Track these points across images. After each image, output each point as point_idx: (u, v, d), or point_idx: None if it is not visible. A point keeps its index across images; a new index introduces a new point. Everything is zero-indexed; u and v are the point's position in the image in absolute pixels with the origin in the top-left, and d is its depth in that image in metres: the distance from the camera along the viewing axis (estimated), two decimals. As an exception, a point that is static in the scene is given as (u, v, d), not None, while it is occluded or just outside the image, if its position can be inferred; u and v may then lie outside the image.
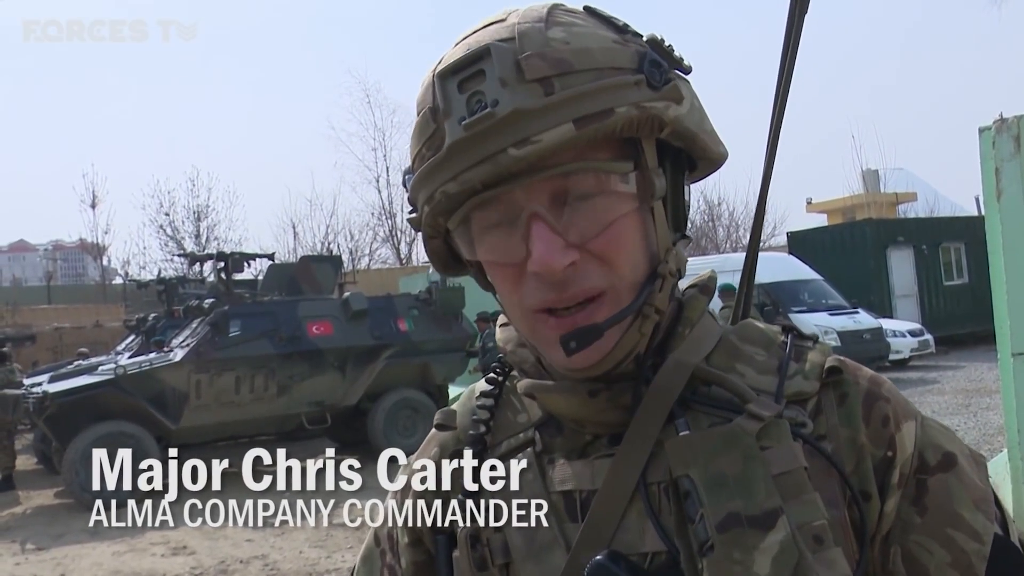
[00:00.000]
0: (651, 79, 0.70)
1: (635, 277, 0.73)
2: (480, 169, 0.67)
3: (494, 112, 0.66)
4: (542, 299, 0.71)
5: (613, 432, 0.76)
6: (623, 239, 0.71)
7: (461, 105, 0.68)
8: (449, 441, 0.87)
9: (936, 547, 0.71)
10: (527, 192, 0.69)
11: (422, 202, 0.74)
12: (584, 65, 0.68)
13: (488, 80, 0.67)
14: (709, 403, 0.75)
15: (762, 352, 0.79)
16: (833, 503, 0.69)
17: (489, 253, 0.73)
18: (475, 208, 0.71)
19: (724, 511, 0.67)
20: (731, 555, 0.65)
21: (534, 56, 0.68)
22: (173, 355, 9.77)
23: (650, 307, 0.73)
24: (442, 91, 0.70)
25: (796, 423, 0.72)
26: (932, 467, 0.73)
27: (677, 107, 0.71)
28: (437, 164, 0.70)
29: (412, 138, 0.75)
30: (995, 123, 2.16)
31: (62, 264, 54.26)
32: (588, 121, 0.67)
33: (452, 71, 0.70)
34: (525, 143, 0.66)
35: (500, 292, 0.77)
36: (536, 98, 0.66)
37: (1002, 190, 2.05)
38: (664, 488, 0.72)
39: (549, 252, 0.68)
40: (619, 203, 0.71)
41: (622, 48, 0.71)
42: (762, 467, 0.68)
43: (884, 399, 0.75)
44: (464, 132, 0.67)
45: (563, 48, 0.69)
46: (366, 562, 0.92)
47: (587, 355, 0.72)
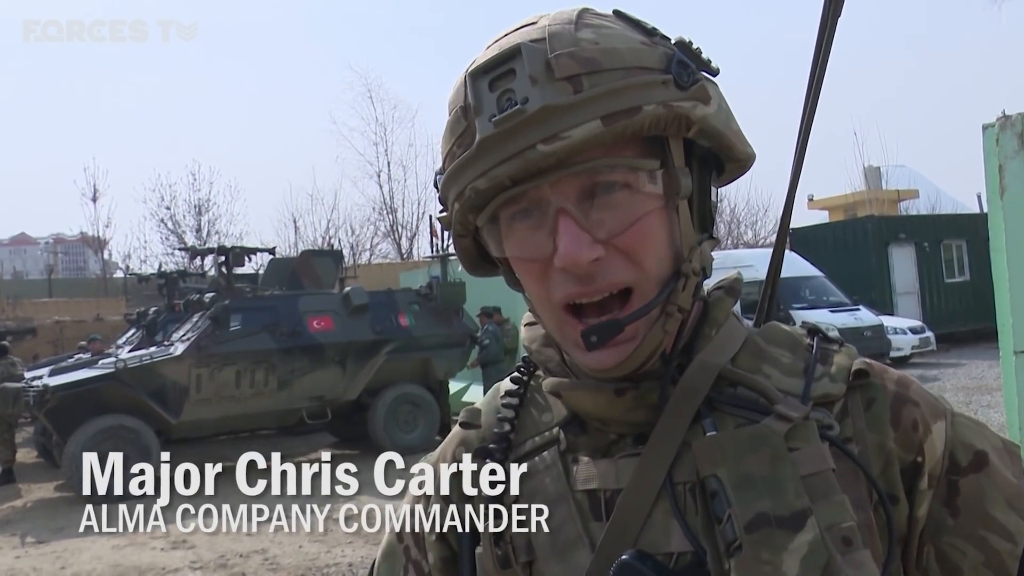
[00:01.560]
0: (679, 79, 0.71)
1: (660, 274, 0.73)
2: (509, 165, 0.68)
3: (524, 109, 0.67)
4: (567, 292, 0.72)
5: (637, 432, 0.77)
6: (649, 236, 0.72)
7: (492, 103, 0.69)
8: (473, 439, 0.87)
9: (969, 548, 0.72)
10: (555, 188, 0.70)
11: (452, 199, 0.75)
12: (613, 64, 0.69)
13: (518, 78, 0.69)
14: (735, 404, 0.75)
15: (788, 354, 0.79)
16: (860, 505, 0.69)
17: (517, 249, 0.74)
18: (504, 205, 0.72)
19: (753, 511, 0.67)
20: (760, 555, 0.66)
21: (564, 55, 0.69)
22: (174, 349, 9.78)
23: (673, 305, 0.74)
24: (473, 90, 0.71)
25: (823, 425, 0.72)
26: (963, 468, 0.74)
27: (704, 107, 0.72)
28: (467, 161, 0.71)
29: (443, 137, 0.76)
30: (999, 120, 2.15)
31: (63, 257, 54.29)
32: (616, 118, 0.68)
33: (483, 70, 0.71)
34: (554, 139, 0.67)
35: (528, 289, 0.77)
36: (565, 95, 0.68)
37: (1005, 187, 2.05)
38: (690, 488, 0.72)
39: (576, 247, 0.69)
40: (645, 200, 0.72)
41: (650, 49, 0.72)
42: (791, 468, 0.68)
43: (912, 402, 0.75)
44: (494, 128, 0.68)
45: (592, 48, 0.70)
46: (388, 558, 0.92)
47: (611, 354, 0.73)
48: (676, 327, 0.75)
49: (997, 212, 2.17)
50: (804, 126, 0.93)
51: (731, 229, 34.90)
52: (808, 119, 0.93)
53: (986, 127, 2.21)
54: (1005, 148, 2.09)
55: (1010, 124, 2.10)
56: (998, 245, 2.17)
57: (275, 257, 13.34)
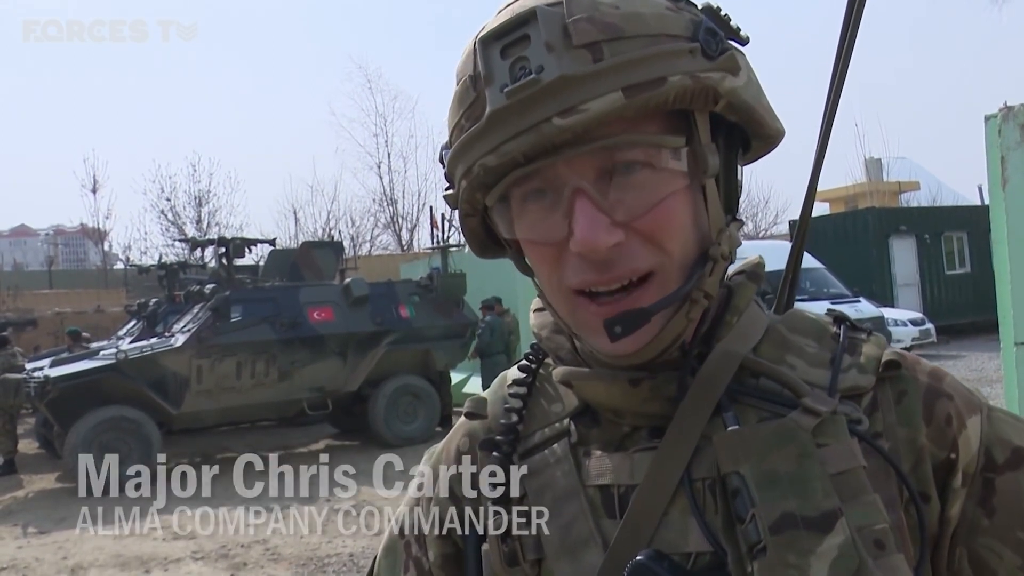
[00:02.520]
0: (706, 48, 0.65)
1: (685, 258, 0.69)
2: (522, 140, 0.63)
3: (539, 78, 0.62)
4: (583, 279, 0.67)
5: (653, 424, 0.73)
6: (673, 218, 0.67)
7: (504, 72, 0.64)
8: (479, 430, 0.83)
9: (1005, 550, 0.67)
10: (571, 166, 0.65)
11: (459, 176, 0.70)
12: (636, 31, 0.64)
13: (533, 45, 0.63)
14: (758, 396, 0.70)
15: (813, 343, 0.74)
16: (890, 505, 0.65)
17: (529, 231, 0.69)
18: (515, 183, 0.67)
19: (778, 511, 0.63)
20: (785, 558, 0.62)
21: (583, 20, 0.63)
22: (174, 340, 9.77)
23: (699, 291, 0.69)
24: (484, 57, 0.65)
25: (851, 419, 0.68)
26: (1000, 465, 0.69)
27: (733, 79, 0.67)
28: (476, 134, 0.66)
29: (450, 109, 0.71)
30: (1001, 111, 2.14)
31: (63, 249, 54.26)
32: (639, 90, 0.62)
33: (495, 36, 0.65)
34: (571, 112, 0.62)
35: (539, 273, 0.73)
36: (584, 64, 0.62)
37: (1007, 178, 2.04)
38: (709, 485, 0.68)
39: (593, 230, 0.64)
40: (669, 180, 0.66)
41: (675, 15, 0.67)
42: (819, 465, 0.64)
43: (946, 395, 0.71)
44: (506, 100, 0.63)
45: (613, 12, 0.64)
46: (389, 553, 0.87)
47: (632, 341, 0.68)
48: (700, 314, 0.70)
49: (999, 203, 2.16)
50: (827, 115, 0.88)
51: (735, 220, 34.73)
52: (832, 109, 0.88)
53: (988, 118, 2.20)
54: (1007, 139, 2.09)
55: (1012, 115, 2.09)
56: (999, 236, 2.16)
57: (275, 248, 13.33)
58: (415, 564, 0.84)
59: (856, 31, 0.87)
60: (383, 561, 0.88)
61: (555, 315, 0.76)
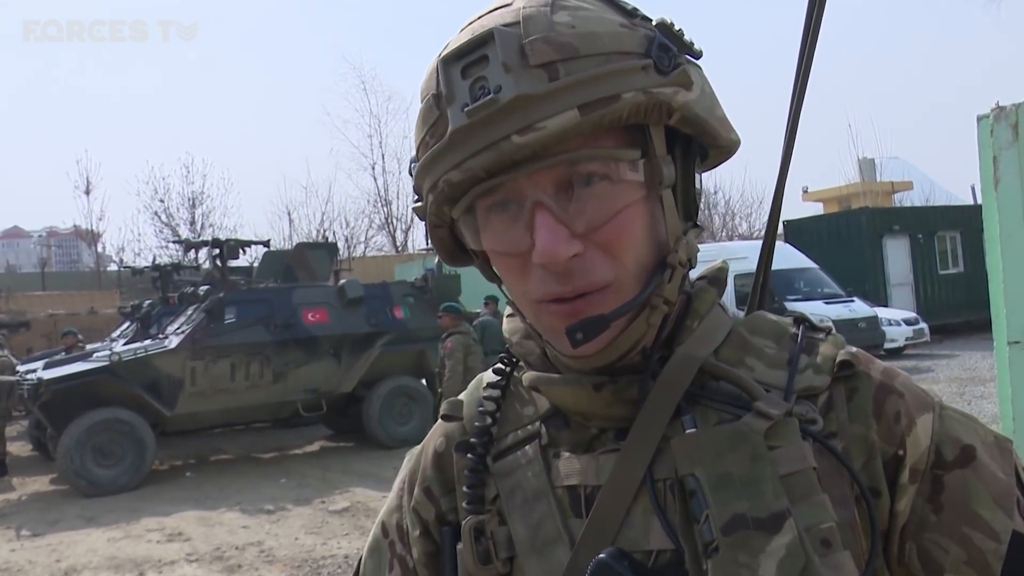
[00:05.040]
0: (659, 64, 0.68)
1: (640, 268, 0.71)
2: (483, 157, 0.66)
3: (497, 98, 0.64)
4: (547, 291, 0.70)
5: (619, 427, 0.75)
6: (629, 229, 0.70)
7: (464, 91, 0.67)
8: (455, 432, 0.86)
9: (952, 545, 0.69)
10: (531, 180, 0.68)
11: (426, 190, 0.73)
12: (590, 50, 0.67)
13: (491, 66, 0.66)
14: (717, 398, 0.73)
15: (772, 345, 0.77)
16: (843, 503, 0.67)
17: (494, 243, 0.72)
18: (480, 196, 0.70)
19: (730, 512, 0.65)
20: (736, 558, 0.64)
21: (539, 40, 0.66)
22: (168, 342, 9.75)
23: (659, 297, 0.72)
24: (445, 77, 0.68)
25: (806, 420, 0.70)
26: (949, 463, 0.71)
27: (686, 93, 0.70)
28: (440, 152, 0.69)
29: (416, 126, 0.74)
30: (993, 111, 2.15)
31: (56, 251, 54.09)
32: (593, 107, 0.65)
33: (455, 56, 0.68)
34: (529, 130, 0.64)
35: (506, 282, 0.76)
36: (540, 83, 0.65)
37: (1000, 178, 2.05)
38: (670, 485, 0.70)
39: (553, 242, 0.67)
40: (626, 192, 0.69)
41: (630, 32, 0.69)
42: (770, 467, 0.66)
43: (897, 393, 0.73)
44: (467, 119, 0.66)
45: (568, 32, 0.67)
46: (374, 553, 0.90)
47: (593, 343, 0.71)
48: (660, 319, 0.73)
49: (991, 202, 2.17)
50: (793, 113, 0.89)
51: (726, 221, 34.94)
52: (797, 104, 0.89)
53: (981, 118, 2.22)
54: (999, 139, 2.10)
55: (1004, 115, 2.10)
56: (992, 235, 2.17)
57: (269, 250, 13.31)
58: (399, 562, 0.87)
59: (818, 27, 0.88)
60: (368, 560, 0.90)
61: (524, 321, 0.80)
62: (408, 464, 0.91)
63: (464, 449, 0.81)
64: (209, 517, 7.87)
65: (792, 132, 0.89)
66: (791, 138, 0.89)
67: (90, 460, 9.04)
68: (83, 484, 8.98)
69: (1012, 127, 2.09)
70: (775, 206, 0.94)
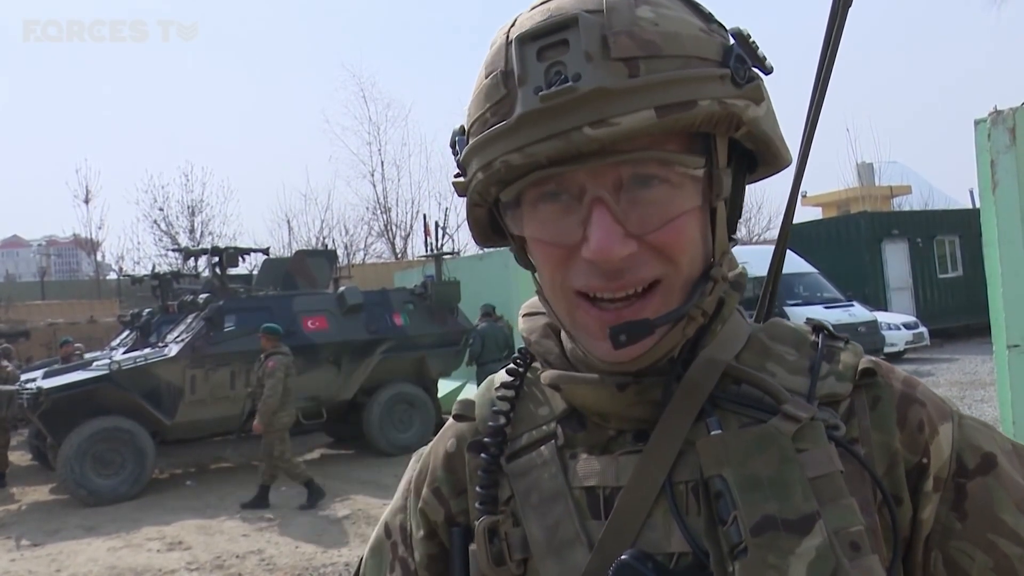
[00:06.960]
0: (736, 75, 0.67)
1: (691, 273, 0.71)
2: (549, 144, 0.64)
3: (576, 87, 0.63)
4: (589, 284, 0.69)
5: (638, 428, 0.74)
6: (684, 235, 0.69)
7: (539, 74, 0.65)
8: (467, 432, 0.85)
9: (978, 553, 0.70)
10: (593, 175, 0.67)
11: (476, 167, 0.71)
12: (672, 51, 0.65)
13: (572, 52, 0.64)
14: (740, 402, 0.73)
15: (792, 351, 0.77)
16: (865, 508, 0.67)
17: (540, 231, 0.71)
18: (533, 183, 0.69)
19: (759, 513, 0.65)
20: (766, 559, 0.63)
21: (623, 34, 0.64)
22: (168, 350, 9.74)
23: (698, 309, 0.71)
24: (520, 56, 0.66)
25: (829, 425, 0.70)
26: (971, 470, 0.72)
27: (756, 108, 0.69)
28: (503, 132, 0.67)
29: (475, 99, 0.72)
30: (990, 115, 2.16)
31: (56, 260, 54.07)
32: (670, 110, 0.64)
33: (532, 36, 0.66)
34: (602, 124, 0.63)
35: (541, 271, 0.74)
36: (620, 78, 0.63)
37: (997, 182, 2.05)
38: (692, 488, 0.70)
39: (609, 240, 0.66)
40: (685, 198, 0.68)
41: (708, 38, 0.68)
42: (798, 470, 0.66)
43: (919, 403, 0.73)
44: (539, 103, 0.64)
45: (652, 29, 0.65)
46: (375, 553, 0.89)
47: (632, 349, 0.70)
48: (695, 331, 0.73)
49: (989, 206, 2.18)
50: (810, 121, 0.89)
51: (726, 226, 34.80)
52: (815, 114, 0.89)
53: (978, 122, 2.22)
54: (997, 143, 2.10)
55: (1002, 119, 2.11)
56: (991, 239, 2.17)
57: (269, 257, 13.29)
58: (401, 564, 0.86)
59: (840, 35, 0.88)
60: (369, 561, 0.90)
61: (552, 314, 0.77)
62: (415, 465, 0.90)
63: (477, 449, 0.80)
64: (210, 526, 7.85)
65: (808, 141, 0.89)
66: (805, 151, 0.89)
67: (90, 469, 9.02)
68: (83, 493, 8.97)
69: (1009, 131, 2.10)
70: (787, 216, 0.94)
